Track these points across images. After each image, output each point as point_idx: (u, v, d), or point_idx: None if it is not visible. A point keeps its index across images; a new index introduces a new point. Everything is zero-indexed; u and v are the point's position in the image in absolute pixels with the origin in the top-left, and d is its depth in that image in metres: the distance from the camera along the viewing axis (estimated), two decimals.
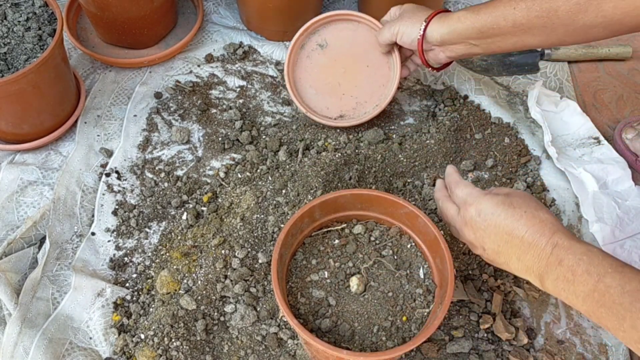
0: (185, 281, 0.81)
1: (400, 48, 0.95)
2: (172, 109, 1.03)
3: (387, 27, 0.91)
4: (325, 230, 0.76)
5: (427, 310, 0.70)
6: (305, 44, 0.97)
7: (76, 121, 1.00)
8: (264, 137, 0.99)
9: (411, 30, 0.87)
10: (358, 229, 0.75)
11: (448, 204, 0.72)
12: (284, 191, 0.88)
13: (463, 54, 0.86)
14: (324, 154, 0.92)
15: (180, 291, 0.80)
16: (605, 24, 0.70)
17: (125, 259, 0.87)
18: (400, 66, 0.96)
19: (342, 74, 0.98)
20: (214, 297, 0.79)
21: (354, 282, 0.70)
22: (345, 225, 0.76)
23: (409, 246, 0.74)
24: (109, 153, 0.98)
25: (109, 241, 0.88)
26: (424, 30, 0.85)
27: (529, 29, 0.76)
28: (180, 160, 0.97)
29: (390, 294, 0.70)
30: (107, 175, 0.94)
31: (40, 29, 0.89)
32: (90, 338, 0.79)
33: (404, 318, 0.69)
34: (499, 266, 0.68)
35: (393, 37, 0.90)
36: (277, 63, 1.11)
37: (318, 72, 0.98)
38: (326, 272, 0.72)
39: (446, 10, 0.87)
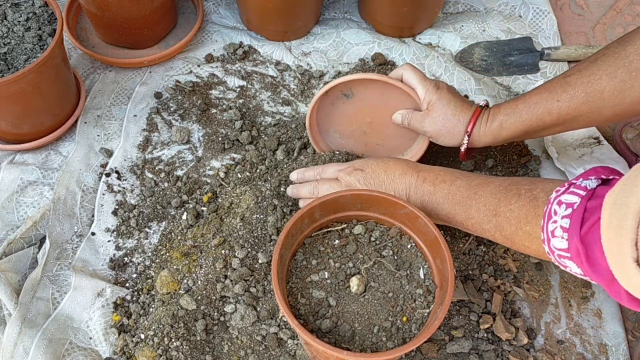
0: (185, 281, 0.81)
1: None
2: (172, 109, 1.03)
3: (417, 124, 0.85)
4: (326, 230, 0.76)
5: (428, 310, 0.70)
6: (329, 92, 0.88)
7: (76, 121, 1.00)
8: (263, 137, 0.99)
9: (449, 138, 0.82)
10: (358, 229, 0.75)
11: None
12: (282, 189, 0.88)
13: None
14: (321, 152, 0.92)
15: (180, 291, 0.80)
16: None
17: (125, 259, 0.87)
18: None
19: (368, 124, 0.92)
20: (214, 297, 0.79)
21: (354, 283, 0.70)
22: (345, 225, 0.76)
23: (409, 246, 0.74)
24: (109, 153, 0.98)
25: (109, 241, 0.88)
26: (468, 143, 0.81)
27: (574, 118, 0.73)
28: (180, 160, 0.97)
29: (390, 294, 0.70)
30: (107, 175, 0.94)
31: (40, 29, 0.89)
32: (90, 338, 0.79)
33: (404, 318, 0.69)
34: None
35: (425, 134, 0.86)
36: (277, 63, 1.11)
37: (342, 119, 0.92)
38: (326, 273, 0.72)
39: (480, 108, 0.81)
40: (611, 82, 0.68)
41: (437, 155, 0.97)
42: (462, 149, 0.82)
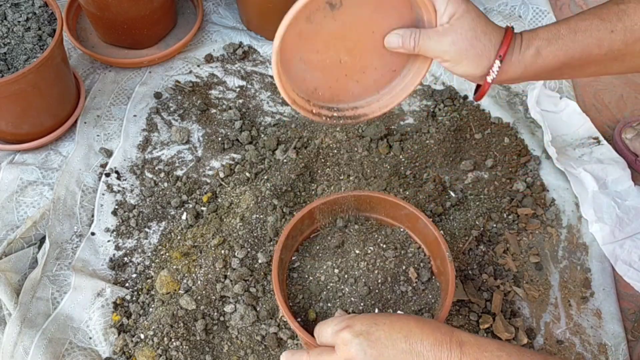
0: (185, 281, 0.81)
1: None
2: (171, 109, 1.03)
3: (428, 44, 0.63)
4: (326, 231, 0.76)
5: (428, 315, 0.70)
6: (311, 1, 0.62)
7: (76, 121, 1.00)
8: (263, 136, 0.99)
9: (474, 65, 0.63)
10: (358, 229, 0.75)
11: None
12: (284, 188, 0.88)
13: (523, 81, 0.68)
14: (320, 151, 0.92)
15: (180, 291, 0.80)
16: None
17: (125, 259, 0.87)
18: (429, 67, 0.69)
19: (348, 50, 0.67)
20: (213, 297, 0.79)
21: (355, 283, 0.70)
22: (345, 226, 0.76)
23: (410, 247, 0.74)
24: (109, 153, 0.98)
25: (108, 241, 0.88)
26: (498, 72, 0.62)
27: (622, 56, 0.62)
28: (180, 160, 0.97)
29: (391, 294, 0.70)
30: (107, 175, 0.94)
31: (40, 29, 0.89)
32: (90, 338, 0.79)
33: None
34: None
35: (438, 58, 0.64)
36: None
37: (317, 41, 0.66)
38: (326, 274, 0.72)
39: (512, 30, 0.62)
40: None
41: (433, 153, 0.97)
42: (490, 79, 0.63)
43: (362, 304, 0.69)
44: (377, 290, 0.70)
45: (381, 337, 0.56)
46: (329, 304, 0.70)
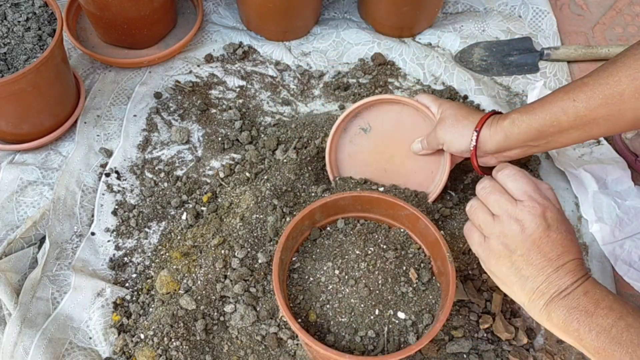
0: (185, 281, 0.81)
1: None
2: (171, 109, 1.03)
3: (432, 137, 0.83)
4: (326, 231, 0.76)
5: (430, 314, 0.70)
6: (348, 128, 0.89)
7: (76, 121, 1.00)
8: (262, 136, 0.99)
9: (460, 140, 0.79)
10: (359, 230, 0.75)
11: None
12: (284, 188, 0.88)
13: (518, 156, 0.79)
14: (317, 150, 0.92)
15: (180, 291, 0.80)
16: None
17: (125, 259, 0.87)
18: (449, 156, 0.87)
19: (387, 160, 0.90)
20: (213, 297, 0.79)
21: (355, 284, 0.70)
22: (345, 226, 0.76)
23: (410, 248, 0.74)
24: (109, 153, 0.98)
25: (108, 241, 0.88)
26: (477, 140, 0.77)
27: (593, 120, 0.69)
28: (180, 160, 0.97)
29: (391, 295, 0.70)
30: (107, 175, 0.94)
31: (40, 29, 0.89)
32: (90, 338, 0.79)
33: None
34: (499, 277, 0.65)
35: (439, 145, 0.83)
36: (277, 63, 1.11)
37: (362, 158, 0.90)
38: (327, 274, 0.72)
39: (493, 112, 0.79)
40: (632, 84, 0.65)
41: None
42: (471, 146, 0.78)
43: (362, 305, 0.69)
44: (377, 291, 0.70)
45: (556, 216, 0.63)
46: (329, 305, 0.70)
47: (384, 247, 0.74)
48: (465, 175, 0.95)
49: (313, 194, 0.88)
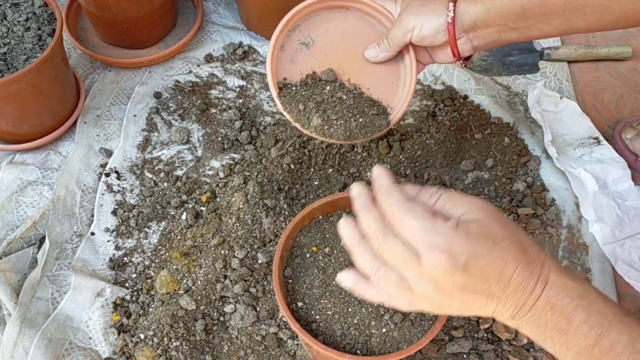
0: (184, 281, 0.81)
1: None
2: (171, 108, 1.03)
3: (396, 29, 0.72)
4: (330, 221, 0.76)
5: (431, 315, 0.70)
6: (286, 45, 0.75)
7: (76, 121, 1.00)
8: (262, 136, 0.99)
9: (432, 19, 0.69)
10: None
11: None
12: (282, 188, 0.88)
13: (494, 41, 0.71)
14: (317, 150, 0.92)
15: (179, 291, 0.80)
16: None
17: (125, 258, 0.87)
18: (415, 58, 0.75)
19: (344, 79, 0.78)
20: (213, 297, 0.79)
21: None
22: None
23: None
24: (109, 153, 0.98)
25: (108, 241, 0.88)
26: (454, 11, 0.68)
27: (582, 7, 0.65)
28: (180, 160, 0.97)
29: None
30: (107, 175, 0.94)
31: (40, 29, 0.89)
32: (90, 338, 0.79)
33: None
34: (435, 311, 0.54)
35: (407, 34, 0.71)
36: None
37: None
38: (327, 274, 0.72)
39: None
40: None
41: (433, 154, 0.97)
42: (448, 18, 0.68)
43: (362, 305, 0.69)
44: None
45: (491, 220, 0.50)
46: (329, 305, 0.70)
47: None
48: (465, 175, 0.95)
49: (312, 193, 0.88)
